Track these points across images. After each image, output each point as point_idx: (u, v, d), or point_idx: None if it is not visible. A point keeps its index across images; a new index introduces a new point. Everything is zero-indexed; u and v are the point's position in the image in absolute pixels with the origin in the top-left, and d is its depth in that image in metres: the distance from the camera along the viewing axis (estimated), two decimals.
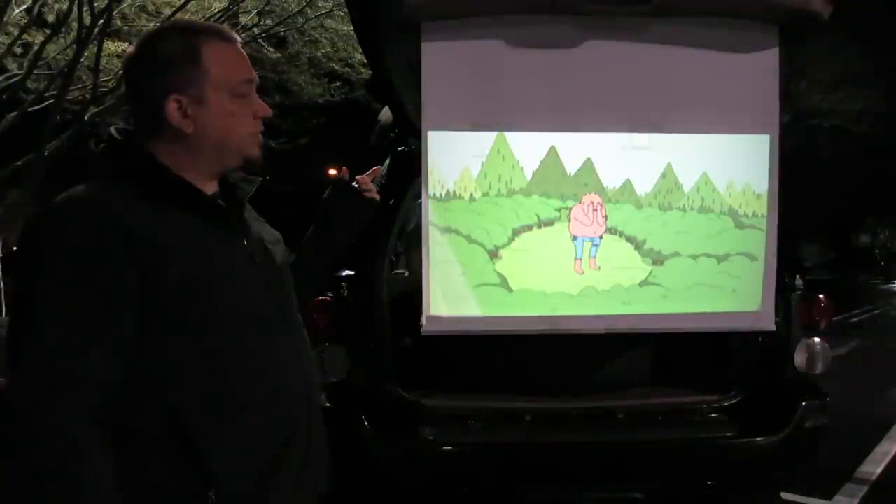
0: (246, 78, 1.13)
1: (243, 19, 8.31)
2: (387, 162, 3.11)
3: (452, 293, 2.44)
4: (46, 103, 7.62)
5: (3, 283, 11.48)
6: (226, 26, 1.19)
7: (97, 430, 0.95)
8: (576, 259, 2.46)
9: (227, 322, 1.07)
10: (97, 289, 0.97)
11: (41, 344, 0.94)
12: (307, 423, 1.18)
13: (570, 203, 2.44)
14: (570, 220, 2.44)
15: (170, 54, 1.08)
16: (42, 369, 0.93)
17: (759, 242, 2.48)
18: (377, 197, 1.53)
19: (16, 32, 7.41)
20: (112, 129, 1.14)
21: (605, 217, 2.46)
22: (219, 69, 1.09)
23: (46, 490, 0.91)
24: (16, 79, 7.69)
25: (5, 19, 7.03)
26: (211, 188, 1.15)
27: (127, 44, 8.08)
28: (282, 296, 1.20)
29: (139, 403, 1.00)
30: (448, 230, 2.42)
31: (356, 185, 1.51)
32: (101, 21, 6.71)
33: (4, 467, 0.92)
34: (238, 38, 1.17)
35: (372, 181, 1.53)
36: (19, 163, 7.48)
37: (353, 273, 2.80)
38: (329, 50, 8.79)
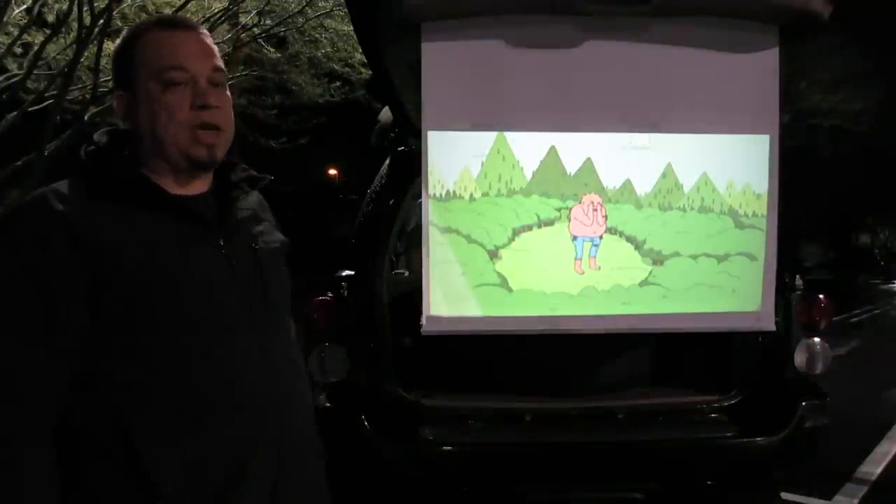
0: (177, 65, 1.04)
1: (243, 19, 8.31)
2: (387, 162, 3.11)
3: (452, 293, 2.44)
4: (46, 103, 7.61)
5: None
6: (184, 16, 1.17)
7: (36, 432, 0.92)
8: (576, 259, 2.46)
9: (182, 325, 1.00)
10: (39, 289, 0.94)
11: None
12: (279, 433, 1.07)
13: (570, 203, 2.44)
14: (570, 220, 2.44)
15: (116, 52, 1.08)
16: None
17: (759, 242, 2.48)
18: None
19: (16, 32, 7.40)
20: (97, 135, 1.11)
21: (605, 217, 2.46)
22: (148, 58, 1.04)
23: None
24: (16, 79, 7.69)
25: (5, 19, 7.03)
26: (196, 187, 1.10)
27: None
28: (259, 302, 1.11)
29: (86, 406, 0.97)
30: (448, 230, 2.42)
31: None
32: (101, 21, 6.70)
33: None
34: (195, 27, 1.10)
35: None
36: (19, 163, 7.47)
37: (353, 273, 2.80)
38: (329, 50, 8.79)
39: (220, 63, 1.10)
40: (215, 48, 1.11)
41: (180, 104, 1.03)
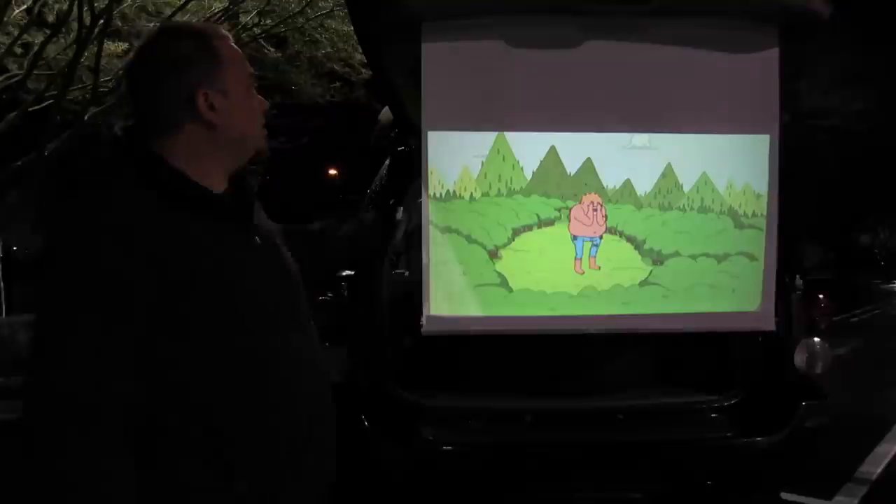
0: (250, 72, 1.18)
1: (243, 19, 8.29)
2: (387, 162, 3.11)
3: (452, 293, 2.44)
4: (46, 103, 7.60)
5: (3, 284, 11.48)
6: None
7: (117, 442, 0.96)
8: (576, 259, 2.46)
9: (247, 321, 1.09)
10: (117, 303, 0.97)
11: (62, 356, 0.94)
12: (321, 417, 1.21)
13: (570, 203, 2.44)
14: (570, 220, 2.45)
15: (188, 53, 1.10)
16: (63, 382, 0.94)
17: (758, 242, 2.48)
18: None
19: (16, 32, 7.39)
20: (117, 130, 1.13)
21: (605, 217, 2.46)
22: (233, 62, 1.14)
23: (66, 500, 0.93)
24: (16, 79, 7.68)
25: (5, 19, 7.02)
26: (222, 187, 1.16)
27: (127, 44, 8.07)
28: (292, 290, 1.23)
29: (170, 405, 1.02)
30: (448, 230, 2.42)
31: None
32: (101, 21, 6.69)
33: (28, 476, 0.94)
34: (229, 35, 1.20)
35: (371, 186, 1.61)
36: (19, 163, 7.47)
37: (353, 273, 2.80)
38: (329, 50, 8.77)
39: None
40: None
41: (259, 106, 1.19)
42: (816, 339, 2.63)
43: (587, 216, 2.45)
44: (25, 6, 7.26)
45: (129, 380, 0.97)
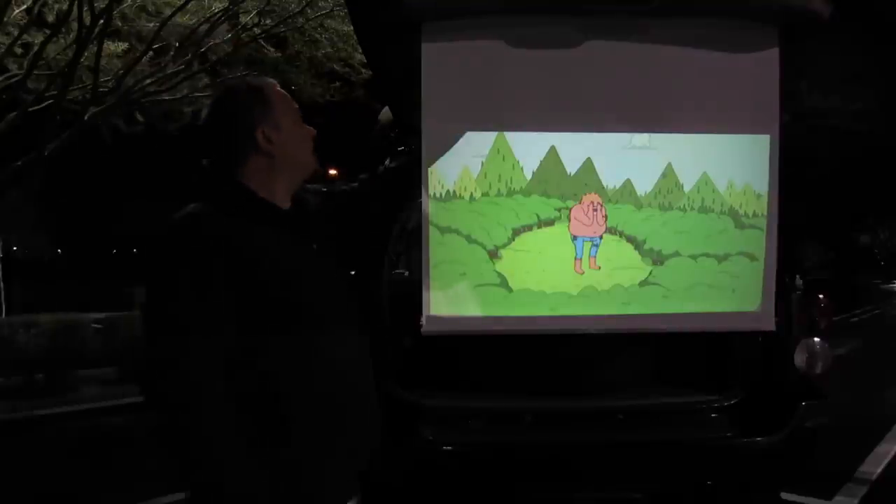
0: (296, 108, 1.48)
1: (243, 19, 8.29)
2: (387, 162, 3.11)
3: (452, 293, 2.44)
4: (46, 103, 7.60)
5: (3, 284, 11.48)
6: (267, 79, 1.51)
7: (216, 377, 1.21)
8: (576, 259, 2.46)
9: (302, 313, 1.32)
10: (205, 282, 1.23)
11: (174, 317, 1.22)
12: (362, 404, 1.42)
13: (570, 203, 2.44)
14: (570, 220, 2.44)
15: (247, 100, 1.41)
16: (176, 331, 1.21)
17: (759, 242, 2.48)
18: None
19: (16, 32, 7.39)
20: (204, 163, 1.43)
21: (606, 217, 2.46)
22: (281, 103, 1.44)
23: (182, 416, 1.18)
24: (16, 79, 7.68)
25: (5, 19, 7.02)
26: (286, 204, 1.43)
27: (127, 44, 8.07)
28: (341, 288, 1.47)
29: (237, 370, 1.24)
30: (448, 230, 2.42)
31: None
32: (101, 21, 6.69)
33: (155, 402, 1.20)
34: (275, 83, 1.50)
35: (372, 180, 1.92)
36: (19, 163, 7.47)
37: (353, 273, 2.80)
38: (329, 50, 8.77)
39: None
40: None
41: (308, 134, 1.50)
42: (816, 339, 2.63)
43: (587, 216, 2.45)
44: (25, 6, 7.26)
45: (223, 336, 1.23)
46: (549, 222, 2.44)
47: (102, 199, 29.46)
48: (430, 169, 2.40)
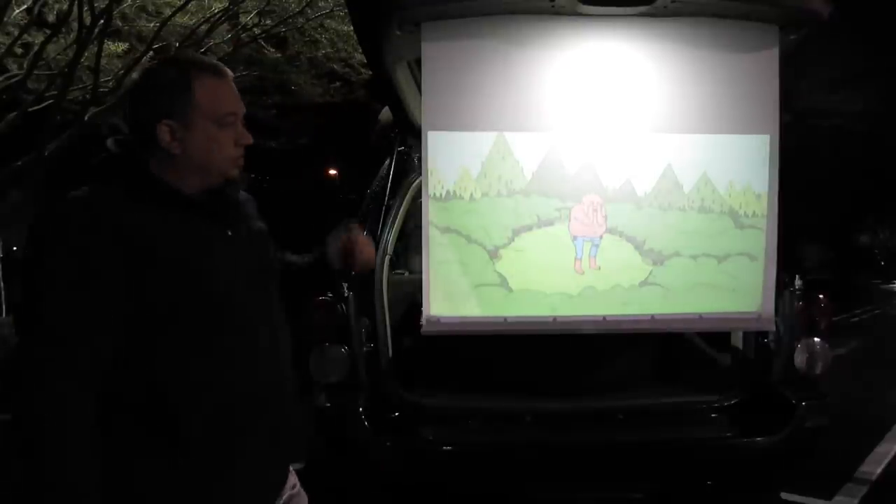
0: (231, 111, 1.26)
1: (243, 19, 8.30)
2: (387, 162, 3.11)
3: (452, 293, 2.44)
4: (46, 103, 7.60)
5: (3, 284, 11.47)
6: (221, 63, 1.30)
7: (82, 393, 1.09)
8: (576, 259, 2.46)
9: (205, 306, 1.19)
10: (89, 275, 1.10)
11: (43, 320, 1.10)
12: (280, 402, 1.31)
13: (570, 203, 2.44)
14: (570, 220, 2.44)
15: (165, 84, 1.22)
16: (43, 339, 1.09)
17: (758, 242, 2.48)
18: (373, 259, 1.69)
19: (16, 32, 7.39)
20: (109, 142, 1.26)
21: (605, 217, 2.46)
22: (207, 101, 1.23)
23: (33, 429, 1.06)
24: (16, 79, 7.68)
25: (5, 19, 7.02)
26: (198, 189, 1.26)
27: (127, 44, 8.07)
28: (262, 282, 1.33)
29: (124, 373, 1.13)
30: (448, 230, 2.42)
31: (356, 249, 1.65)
32: (101, 21, 6.69)
33: (11, 411, 1.08)
34: (231, 74, 1.29)
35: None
36: (19, 163, 7.47)
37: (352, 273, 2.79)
38: (329, 50, 8.77)
39: None
40: None
41: (229, 141, 1.27)
42: (816, 339, 2.63)
43: (587, 216, 2.45)
44: (25, 6, 7.26)
45: (95, 342, 1.10)
46: (549, 222, 2.44)
47: None
48: (430, 169, 2.40)
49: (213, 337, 1.20)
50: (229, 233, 1.28)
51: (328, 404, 2.56)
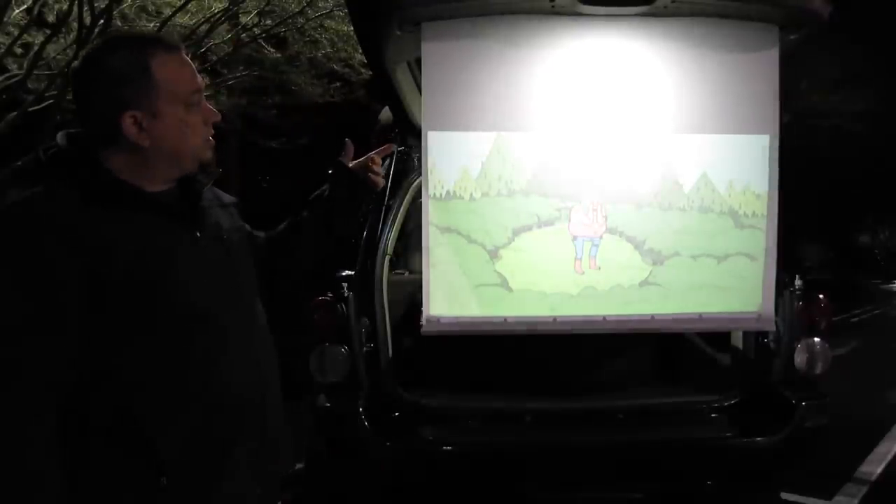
0: (196, 88, 1.16)
1: (243, 19, 8.30)
2: (387, 162, 3.11)
3: (452, 293, 2.44)
4: (46, 103, 7.60)
5: None
6: (167, 33, 1.19)
7: (43, 420, 1.00)
8: (576, 259, 2.46)
9: (173, 315, 1.10)
10: (40, 292, 1.00)
11: None
12: (262, 412, 1.23)
13: (569, 203, 2.44)
14: (570, 220, 2.44)
15: (120, 70, 1.09)
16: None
17: (758, 242, 2.48)
18: (381, 182, 1.55)
19: (16, 32, 7.39)
20: (59, 137, 1.14)
21: (605, 217, 2.45)
22: (170, 82, 1.11)
23: None
24: (16, 79, 7.67)
25: (5, 19, 7.02)
26: (165, 186, 1.18)
27: None
28: (235, 286, 1.23)
29: (91, 394, 1.05)
30: (448, 230, 2.42)
31: (356, 171, 1.52)
32: (101, 21, 6.70)
33: None
34: (181, 45, 1.19)
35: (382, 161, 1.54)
36: (19, 163, 7.46)
37: (353, 273, 2.80)
38: (329, 50, 8.77)
39: None
40: None
41: (199, 122, 1.16)
42: (816, 339, 2.63)
43: (587, 216, 2.45)
44: (25, 6, 7.26)
45: (63, 353, 1.01)
46: (549, 222, 2.44)
47: None
48: (430, 169, 2.40)
49: (185, 348, 1.11)
50: (198, 234, 1.18)
51: (328, 404, 2.56)
